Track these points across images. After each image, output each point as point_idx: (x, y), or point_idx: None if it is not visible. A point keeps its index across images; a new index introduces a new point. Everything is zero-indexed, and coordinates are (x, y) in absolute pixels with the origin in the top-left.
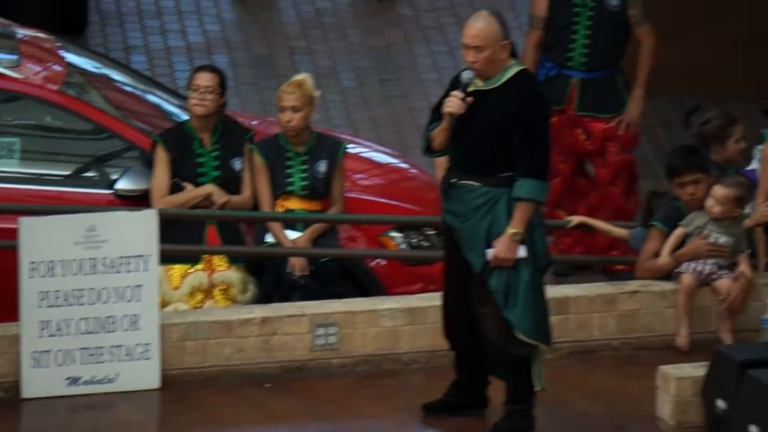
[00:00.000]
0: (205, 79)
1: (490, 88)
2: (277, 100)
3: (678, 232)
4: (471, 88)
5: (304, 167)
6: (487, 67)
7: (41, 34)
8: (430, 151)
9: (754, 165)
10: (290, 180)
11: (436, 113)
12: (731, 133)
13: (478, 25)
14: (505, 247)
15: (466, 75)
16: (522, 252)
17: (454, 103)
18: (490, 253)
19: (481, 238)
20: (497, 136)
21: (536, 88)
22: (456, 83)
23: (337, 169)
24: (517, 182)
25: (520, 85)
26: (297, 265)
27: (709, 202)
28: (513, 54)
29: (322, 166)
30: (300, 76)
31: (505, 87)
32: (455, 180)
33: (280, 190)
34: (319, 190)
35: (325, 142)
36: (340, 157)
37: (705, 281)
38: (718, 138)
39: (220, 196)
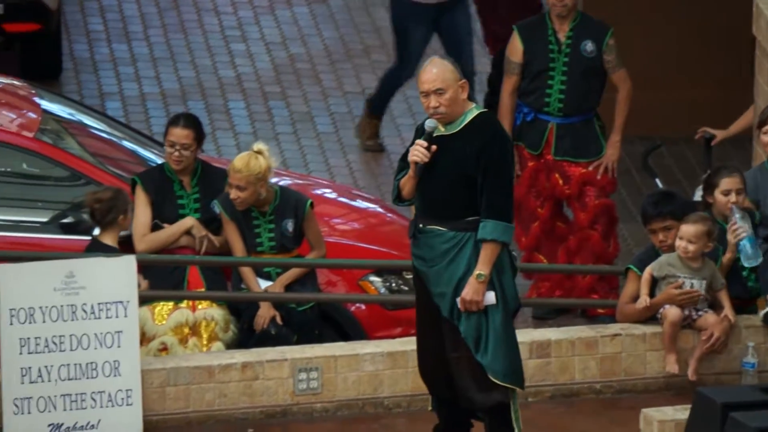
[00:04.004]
0: (180, 136)
1: (452, 132)
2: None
3: (645, 275)
4: (435, 134)
5: (271, 227)
6: (451, 108)
7: (16, 82)
8: (400, 199)
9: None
10: (259, 240)
11: (404, 162)
12: (717, 183)
13: (434, 70)
14: (472, 289)
15: (429, 123)
16: (491, 299)
17: (419, 152)
18: (459, 299)
19: (449, 282)
20: (462, 181)
21: (498, 128)
22: (421, 131)
23: (306, 223)
24: (481, 223)
25: (482, 127)
26: (261, 319)
27: (681, 244)
28: (470, 97)
29: (289, 225)
30: (255, 147)
31: (467, 130)
32: (422, 225)
33: (250, 251)
34: (288, 247)
35: (288, 200)
36: (306, 213)
37: (685, 323)
38: (709, 188)
39: (199, 229)
